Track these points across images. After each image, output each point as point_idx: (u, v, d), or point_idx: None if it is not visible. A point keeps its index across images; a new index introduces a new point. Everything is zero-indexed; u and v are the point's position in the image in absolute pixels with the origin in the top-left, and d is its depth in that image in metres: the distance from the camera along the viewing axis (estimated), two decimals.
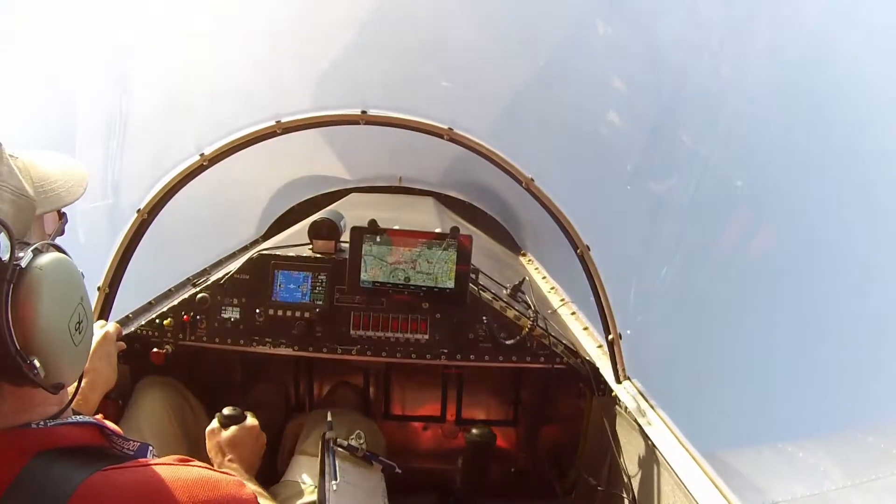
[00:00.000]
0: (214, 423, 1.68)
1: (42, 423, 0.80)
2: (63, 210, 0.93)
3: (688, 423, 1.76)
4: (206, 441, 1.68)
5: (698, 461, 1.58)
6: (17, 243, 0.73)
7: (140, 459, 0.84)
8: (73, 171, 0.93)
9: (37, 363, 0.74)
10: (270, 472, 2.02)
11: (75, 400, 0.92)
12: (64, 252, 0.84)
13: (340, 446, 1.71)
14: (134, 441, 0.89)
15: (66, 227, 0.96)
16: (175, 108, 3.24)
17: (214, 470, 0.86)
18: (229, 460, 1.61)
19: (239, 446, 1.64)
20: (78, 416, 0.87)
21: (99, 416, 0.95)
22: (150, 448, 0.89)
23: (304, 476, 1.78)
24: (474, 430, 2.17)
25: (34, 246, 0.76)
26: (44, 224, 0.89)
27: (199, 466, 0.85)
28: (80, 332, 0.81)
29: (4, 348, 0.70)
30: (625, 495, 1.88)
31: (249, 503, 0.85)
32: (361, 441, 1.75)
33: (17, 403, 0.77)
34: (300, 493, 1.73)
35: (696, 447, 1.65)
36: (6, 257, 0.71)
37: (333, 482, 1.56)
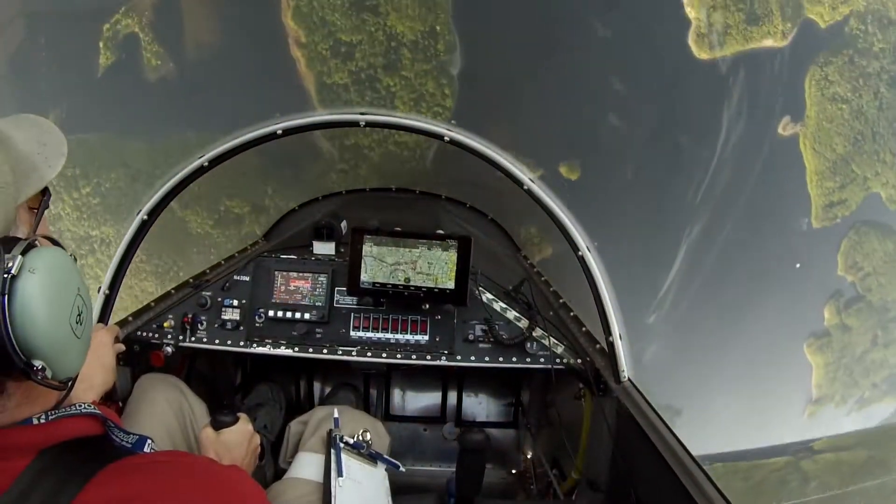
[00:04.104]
0: (208, 427, 1.68)
1: (43, 416, 0.79)
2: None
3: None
4: (200, 444, 1.68)
5: (698, 462, 1.58)
6: (4, 247, 0.70)
7: (144, 454, 0.84)
8: (48, 139, 0.86)
9: (43, 366, 0.73)
10: (273, 469, 2.02)
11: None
12: (53, 241, 0.81)
13: (346, 443, 1.71)
14: (133, 434, 0.88)
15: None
16: None
17: (219, 464, 0.86)
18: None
19: (233, 449, 1.63)
20: (79, 405, 0.86)
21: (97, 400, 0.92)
22: (149, 441, 0.89)
23: (308, 473, 1.77)
24: (466, 434, 2.17)
25: (23, 245, 0.73)
26: (27, 206, 0.83)
27: (205, 460, 0.85)
28: (80, 324, 0.79)
29: (8, 358, 0.69)
30: (625, 497, 1.88)
31: (256, 493, 0.85)
32: (367, 439, 1.75)
33: (22, 398, 0.77)
34: (304, 490, 1.71)
35: (695, 448, 1.65)
36: None
37: (339, 478, 1.56)
